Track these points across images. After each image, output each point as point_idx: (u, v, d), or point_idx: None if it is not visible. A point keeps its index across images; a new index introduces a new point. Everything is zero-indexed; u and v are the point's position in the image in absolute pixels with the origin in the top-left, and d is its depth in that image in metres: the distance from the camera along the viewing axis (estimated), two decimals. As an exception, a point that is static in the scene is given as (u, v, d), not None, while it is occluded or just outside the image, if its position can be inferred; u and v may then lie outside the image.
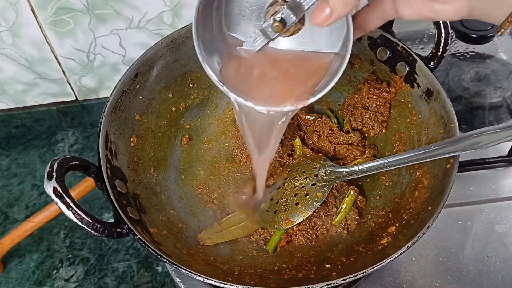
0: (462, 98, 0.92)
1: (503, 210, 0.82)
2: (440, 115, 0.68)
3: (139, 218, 0.63)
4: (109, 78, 1.03)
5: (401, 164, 0.64)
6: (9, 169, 1.06)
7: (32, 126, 1.11)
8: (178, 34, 0.77)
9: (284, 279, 0.63)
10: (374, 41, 0.77)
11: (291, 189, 0.72)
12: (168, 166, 0.79)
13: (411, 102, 0.75)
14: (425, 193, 0.66)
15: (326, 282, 0.54)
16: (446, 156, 0.60)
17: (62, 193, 0.52)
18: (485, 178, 0.85)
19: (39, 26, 0.90)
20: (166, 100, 0.79)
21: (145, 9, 0.90)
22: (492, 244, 0.78)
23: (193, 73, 0.82)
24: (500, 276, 0.75)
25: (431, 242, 0.79)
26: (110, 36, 0.94)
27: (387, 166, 0.66)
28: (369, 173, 0.68)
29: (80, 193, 0.82)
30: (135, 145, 0.73)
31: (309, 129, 0.82)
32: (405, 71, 0.74)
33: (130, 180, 0.68)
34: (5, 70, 0.98)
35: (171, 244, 0.64)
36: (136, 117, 0.74)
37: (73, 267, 0.91)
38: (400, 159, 0.64)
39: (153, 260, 0.90)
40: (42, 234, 0.95)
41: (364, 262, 0.60)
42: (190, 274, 0.55)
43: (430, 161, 0.67)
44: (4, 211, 0.99)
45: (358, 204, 0.73)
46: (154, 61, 0.76)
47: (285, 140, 0.82)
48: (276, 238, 0.70)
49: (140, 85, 0.75)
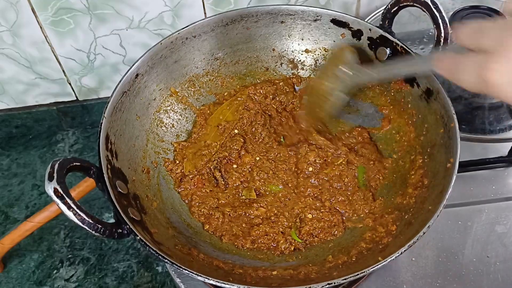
0: (462, 98, 0.92)
1: (503, 210, 0.82)
2: (440, 114, 0.68)
3: (140, 219, 0.63)
4: (109, 78, 1.03)
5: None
6: (10, 169, 1.06)
7: (32, 126, 1.11)
8: (178, 35, 0.77)
9: (285, 278, 0.63)
10: (374, 41, 0.77)
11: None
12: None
13: (411, 102, 0.75)
14: (425, 193, 0.66)
15: (327, 281, 0.54)
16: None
17: (63, 194, 0.52)
18: (485, 178, 0.85)
19: (40, 26, 0.90)
20: (166, 101, 0.80)
21: (146, 9, 0.90)
22: (492, 244, 0.78)
23: (193, 74, 0.82)
24: (500, 277, 0.75)
25: (431, 242, 0.79)
26: (111, 36, 0.94)
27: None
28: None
29: (80, 193, 0.82)
30: (135, 146, 0.73)
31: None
32: (405, 70, 0.74)
33: (130, 180, 0.68)
34: (5, 70, 0.98)
35: (172, 244, 0.64)
36: (136, 118, 0.74)
37: (73, 267, 0.91)
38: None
39: (153, 260, 0.90)
40: (42, 234, 0.95)
41: (365, 261, 0.61)
42: (191, 274, 0.55)
43: (430, 161, 0.68)
44: (4, 211, 0.99)
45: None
46: (154, 62, 0.76)
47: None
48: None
49: (140, 86, 0.75)
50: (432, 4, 0.69)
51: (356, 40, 0.79)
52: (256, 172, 0.76)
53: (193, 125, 0.82)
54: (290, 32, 0.84)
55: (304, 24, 0.82)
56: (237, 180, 0.76)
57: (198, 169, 0.77)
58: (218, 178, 0.76)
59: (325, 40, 0.83)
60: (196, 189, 0.76)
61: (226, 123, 0.81)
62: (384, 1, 0.99)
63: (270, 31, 0.83)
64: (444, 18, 0.69)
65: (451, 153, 0.64)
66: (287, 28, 0.83)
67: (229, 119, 0.82)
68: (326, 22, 0.80)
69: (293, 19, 0.82)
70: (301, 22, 0.82)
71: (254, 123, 0.81)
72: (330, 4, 0.96)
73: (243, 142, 0.79)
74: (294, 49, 0.86)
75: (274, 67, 0.87)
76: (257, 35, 0.83)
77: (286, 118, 0.83)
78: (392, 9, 0.74)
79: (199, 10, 0.92)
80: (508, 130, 0.88)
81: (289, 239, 0.70)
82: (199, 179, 0.76)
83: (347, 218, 0.72)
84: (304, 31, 0.83)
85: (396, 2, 0.73)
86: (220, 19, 0.79)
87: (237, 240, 0.71)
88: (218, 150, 0.78)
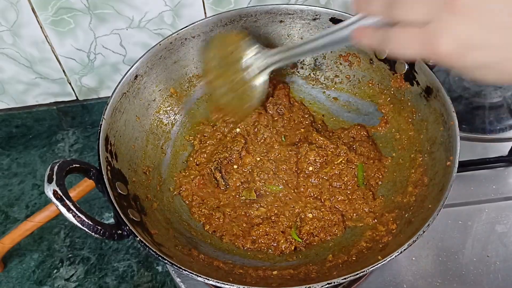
0: (463, 98, 0.92)
1: (503, 210, 0.82)
2: (440, 113, 0.68)
3: (139, 220, 0.63)
4: (109, 78, 1.03)
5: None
6: (10, 168, 1.06)
7: (32, 126, 1.11)
8: (177, 35, 0.77)
9: (285, 278, 0.63)
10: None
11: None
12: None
13: (411, 100, 0.75)
14: (425, 191, 0.66)
15: (327, 281, 0.54)
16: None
17: (62, 196, 0.52)
18: (485, 178, 0.86)
19: (40, 26, 0.90)
20: (166, 101, 0.80)
21: (146, 9, 0.90)
22: (492, 244, 0.78)
23: (193, 74, 0.82)
24: (500, 276, 0.75)
25: (431, 242, 0.79)
26: (111, 36, 0.94)
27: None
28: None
29: (80, 193, 0.82)
30: (135, 147, 0.73)
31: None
32: (404, 69, 0.74)
33: (130, 181, 0.68)
34: (5, 70, 0.98)
35: (172, 245, 0.64)
36: (136, 119, 0.74)
37: (73, 266, 0.91)
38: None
39: (153, 260, 0.90)
40: (43, 233, 0.95)
41: (365, 261, 0.61)
42: (191, 275, 0.55)
43: (430, 160, 0.68)
44: (5, 211, 0.99)
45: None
46: (154, 63, 0.76)
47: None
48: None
49: (140, 87, 0.75)
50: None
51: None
52: (257, 172, 0.76)
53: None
54: (289, 31, 0.83)
55: (303, 23, 0.82)
56: (237, 181, 0.76)
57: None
58: (219, 179, 0.76)
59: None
60: (198, 189, 0.76)
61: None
62: (384, 0, 0.98)
63: (269, 30, 0.83)
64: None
65: (450, 152, 0.64)
66: (286, 28, 0.83)
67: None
68: (325, 21, 0.80)
69: (292, 19, 0.81)
70: (300, 21, 0.82)
71: (257, 123, 0.81)
72: (330, 3, 0.96)
73: (243, 143, 0.79)
74: (294, 48, 0.86)
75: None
76: (256, 35, 0.83)
77: (288, 119, 0.83)
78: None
79: (199, 10, 0.92)
80: (508, 129, 0.88)
81: (290, 238, 0.71)
82: (199, 180, 0.76)
83: (347, 217, 0.73)
84: (303, 30, 0.83)
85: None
86: (219, 19, 0.79)
87: (238, 240, 0.71)
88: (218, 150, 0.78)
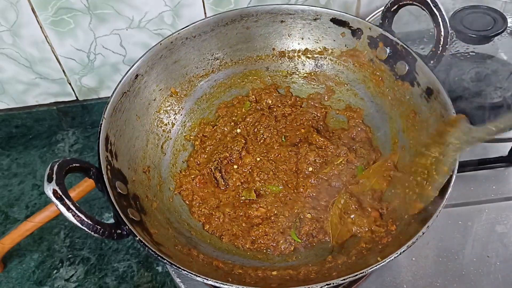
0: (463, 98, 0.92)
1: (503, 210, 0.82)
2: (440, 113, 0.68)
3: (139, 219, 0.63)
4: (109, 78, 1.03)
5: None
6: (10, 169, 1.06)
7: (32, 126, 1.11)
8: (178, 35, 0.77)
9: (285, 279, 0.63)
10: (374, 40, 0.77)
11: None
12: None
13: (411, 101, 0.75)
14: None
15: (326, 282, 0.54)
16: None
17: (62, 195, 0.52)
18: (485, 178, 0.85)
19: (40, 26, 0.90)
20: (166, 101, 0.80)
21: (146, 9, 0.90)
22: (492, 244, 0.78)
23: (193, 74, 0.82)
24: (500, 276, 0.75)
25: (431, 242, 0.79)
26: (111, 36, 0.94)
27: None
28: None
29: (80, 193, 0.82)
30: (135, 146, 0.73)
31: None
32: (405, 70, 0.74)
33: (130, 181, 0.68)
34: (5, 70, 0.98)
35: (172, 244, 0.64)
36: (136, 119, 0.74)
37: (73, 267, 0.91)
38: None
39: (153, 260, 0.90)
40: (43, 234, 0.95)
41: (364, 262, 0.60)
42: (190, 275, 0.55)
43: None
44: (5, 211, 0.99)
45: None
46: (154, 62, 0.76)
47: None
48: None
49: (140, 87, 0.75)
50: (431, 2, 0.68)
51: (356, 39, 0.79)
52: (257, 172, 0.76)
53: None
54: (290, 31, 0.83)
55: (304, 23, 0.82)
56: (237, 181, 0.76)
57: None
58: (219, 179, 0.76)
59: (325, 39, 0.83)
60: (198, 189, 0.76)
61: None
62: (384, 1, 0.98)
63: (270, 30, 0.83)
64: (444, 17, 0.68)
65: None
66: (287, 28, 0.83)
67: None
68: (326, 21, 0.80)
69: (293, 19, 0.82)
70: (301, 21, 0.82)
71: (257, 124, 0.81)
72: (330, 4, 0.96)
73: (244, 143, 0.79)
74: (294, 48, 0.86)
75: (274, 66, 0.87)
76: (257, 34, 0.83)
77: (290, 120, 0.83)
78: (392, 7, 0.74)
79: (199, 10, 0.92)
80: (508, 130, 0.88)
81: (289, 239, 0.70)
82: (199, 180, 0.76)
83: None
84: (304, 31, 0.83)
85: (396, 1, 0.73)
86: (220, 19, 0.79)
87: (237, 240, 0.71)
88: (219, 150, 0.78)
